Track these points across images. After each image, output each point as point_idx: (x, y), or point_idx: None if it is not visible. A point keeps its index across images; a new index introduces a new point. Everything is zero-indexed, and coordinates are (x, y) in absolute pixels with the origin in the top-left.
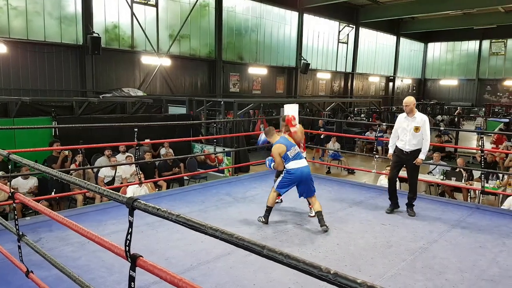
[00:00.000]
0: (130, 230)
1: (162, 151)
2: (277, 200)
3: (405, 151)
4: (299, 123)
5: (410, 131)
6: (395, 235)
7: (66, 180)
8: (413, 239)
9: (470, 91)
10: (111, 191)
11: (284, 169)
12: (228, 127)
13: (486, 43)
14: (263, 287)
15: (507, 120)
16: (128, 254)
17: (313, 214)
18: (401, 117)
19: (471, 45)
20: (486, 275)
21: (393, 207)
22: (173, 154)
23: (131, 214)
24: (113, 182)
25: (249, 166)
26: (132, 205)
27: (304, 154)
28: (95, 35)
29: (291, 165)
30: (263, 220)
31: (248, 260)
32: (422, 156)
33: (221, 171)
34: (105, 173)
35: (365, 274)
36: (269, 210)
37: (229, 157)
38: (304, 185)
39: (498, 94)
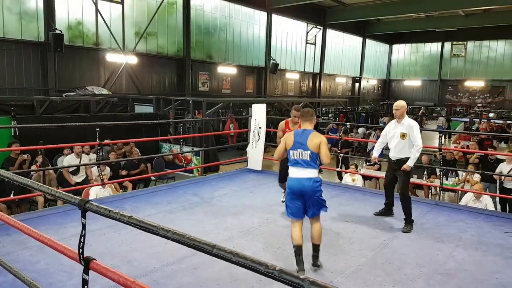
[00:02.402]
0: (83, 232)
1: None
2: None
3: (393, 160)
4: (267, 122)
5: (397, 137)
6: (358, 232)
7: (18, 181)
8: (374, 235)
9: (432, 92)
10: (63, 192)
11: None
12: (197, 127)
13: (447, 45)
14: (227, 286)
15: (467, 120)
16: (81, 257)
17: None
18: (391, 123)
19: (434, 47)
20: (442, 269)
21: (382, 210)
22: (139, 152)
23: (83, 216)
24: (78, 171)
25: (218, 165)
26: (84, 207)
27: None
28: (57, 31)
29: (289, 171)
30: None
31: (213, 260)
32: (410, 162)
33: (190, 171)
34: (71, 161)
35: (327, 271)
36: (296, 251)
37: (198, 157)
38: (309, 200)
39: (459, 94)
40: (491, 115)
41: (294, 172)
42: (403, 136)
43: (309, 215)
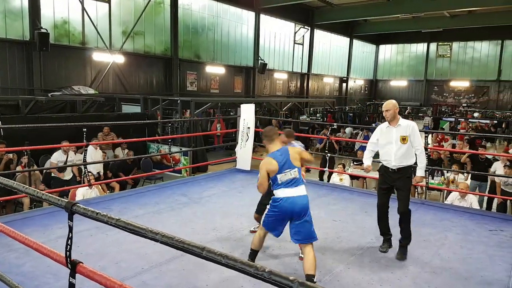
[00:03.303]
0: (70, 235)
1: (117, 151)
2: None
3: (391, 169)
4: (257, 122)
5: (396, 142)
6: (345, 231)
7: (4, 184)
8: (362, 234)
9: (418, 92)
10: (50, 195)
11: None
12: (186, 127)
13: (433, 46)
14: (216, 286)
15: (453, 119)
16: (68, 260)
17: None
18: (382, 128)
19: (420, 48)
20: (428, 267)
21: (388, 244)
22: (133, 155)
23: (70, 218)
24: (65, 168)
25: (207, 166)
26: (71, 209)
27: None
28: (43, 30)
29: (279, 192)
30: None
31: (203, 261)
32: (420, 172)
33: (178, 171)
34: (58, 158)
35: None
36: (252, 254)
37: (186, 157)
38: (297, 221)
39: (444, 94)
40: (475, 114)
41: (290, 192)
42: (403, 139)
43: (297, 240)
